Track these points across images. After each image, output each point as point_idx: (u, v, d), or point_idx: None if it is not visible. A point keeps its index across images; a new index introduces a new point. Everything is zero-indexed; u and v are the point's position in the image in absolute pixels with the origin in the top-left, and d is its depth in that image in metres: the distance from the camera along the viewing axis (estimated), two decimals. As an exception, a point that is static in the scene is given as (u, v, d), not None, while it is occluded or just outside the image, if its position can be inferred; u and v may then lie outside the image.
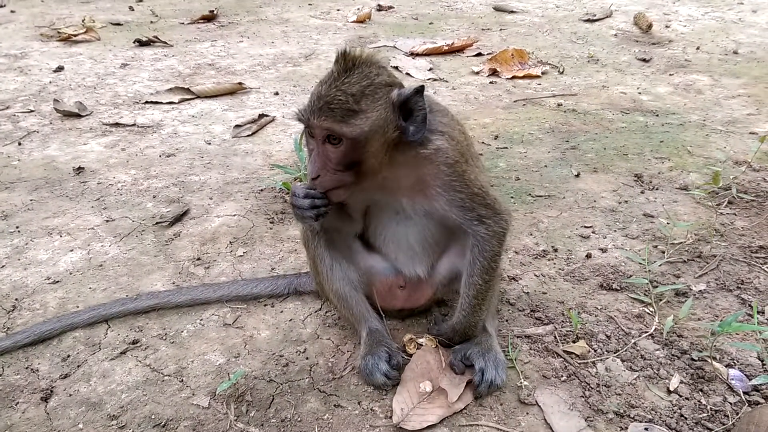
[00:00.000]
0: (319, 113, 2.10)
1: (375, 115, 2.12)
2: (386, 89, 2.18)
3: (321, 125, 2.11)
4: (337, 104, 2.09)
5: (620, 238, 3.40)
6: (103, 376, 2.53)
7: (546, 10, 9.38)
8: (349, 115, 2.10)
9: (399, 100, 2.17)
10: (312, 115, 2.12)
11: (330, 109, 2.09)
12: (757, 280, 3.01)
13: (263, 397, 2.40)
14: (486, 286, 2.43)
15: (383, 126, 2.15)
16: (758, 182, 3.93)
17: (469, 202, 2.34)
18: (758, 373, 2.43)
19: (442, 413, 2.29)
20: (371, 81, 2.14)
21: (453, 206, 2.34)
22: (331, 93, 2.10)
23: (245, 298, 2.97)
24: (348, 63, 2.13)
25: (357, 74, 2.13)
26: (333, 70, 2.15)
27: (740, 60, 6.70)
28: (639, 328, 2.71)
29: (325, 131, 2.13)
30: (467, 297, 2.45)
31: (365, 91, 2.12)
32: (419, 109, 2.19)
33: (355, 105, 2.10)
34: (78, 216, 3.73)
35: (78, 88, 6.07)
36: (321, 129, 2.13)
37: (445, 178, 2.30)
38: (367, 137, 2.13)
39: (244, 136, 4.91)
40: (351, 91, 2.10)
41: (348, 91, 2.10)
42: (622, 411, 2.28)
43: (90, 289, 3.08)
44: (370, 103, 2.12)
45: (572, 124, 5.04)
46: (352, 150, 2.14)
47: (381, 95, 2.15)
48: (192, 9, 9.63)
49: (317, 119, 2.11)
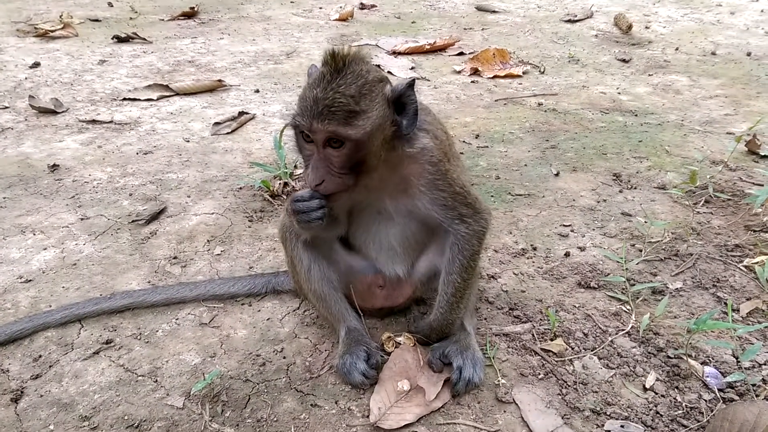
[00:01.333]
0: (322, 117, 2.03)
1: (375, 114, 2.10)
2: (380, 85, 2.16)
3: (325, 129, 2.05)
4: (338, 107, 2.03)
5: (598, 237, 3.41)
6: (76, 377, 2.48)
7: (528, 10, 9.42)
8: (352, 117, 2.05)
9: (394, 95, 2.17)
10: (314, 119, 2.04)
11: (332, 112, 2.03)
12: (732, 279, 3.04)
13: (239, 397, 2.37)
14: (464, 284, 2.43)
15: (382, 123, 2.13)
16: (734, 181, 3.98)
17: (451, 201, 2.34)
18: (733, 370, 2.46)
19: (420, 412, 2.28)
20: (366, 79, 2.11)
21: (435, 205, 2.33)
22: (329, 96, 2.03)
23: (222, 297, 2.94)
24: (339, 63, 2.08)
25: (350, 74, 2.08)
26: (324, 71, 2.08)
27: (718, 61, 6.78)
28: (616, 326, 2.72)
29: (328, 135, 2.07)
30: (445, 295, 2.45)
31: (362, 90, 2.08)
32: (411, 103, 2.19)
33: (356, 106, 2.06)
34: (52, 214, 3.66)
35: (54, 85, 5.97)
36: (324, 133, 2.06)
37: (429, 177, 2.30)
38: (369, 137, 2.10)
39: (223, 133, 4.86)
40: (349, 92, 2.05)
41: (346, 92, 2.05)
42: (598, 408, 2.29)
43: (63, 288, 3.02)
44: (369, 102, 2.09)
45: (552, 123, 5.06)
46: (356, 151, 2.11)
47: (377, 92, 2.13)
48: (172, 5, 9.52)
49: (320, 123, 2.04)
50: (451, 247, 2.42)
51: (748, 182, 3.95)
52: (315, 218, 2.21)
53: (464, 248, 2.40)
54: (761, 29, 7.98)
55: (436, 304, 2.51)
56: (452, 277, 2.42)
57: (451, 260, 2.43)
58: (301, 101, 2.10)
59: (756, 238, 3.33)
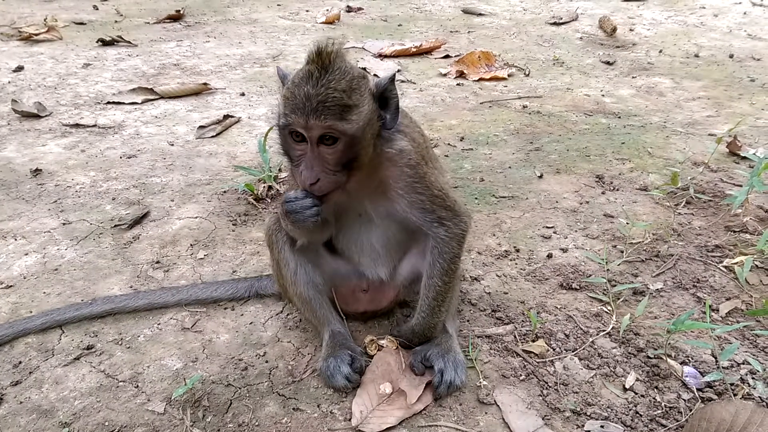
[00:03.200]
0: (317, 113, 2.01)
1: (365, 108, 2.11)
2: (364, 81, 2.17)
3: (322, 125, 2.03)
4: (332, 101, 2.03)
5: (581, 238, 3.44)
6: (56, 383, 2.46)
7: (513, 13, 9.47)
8: (346, 111, 2.05)
9: (378, 90, 2.18)
10: (309, 116, 2.02)
11: (327, 107, 2.02)
12: (712, 279, 3.08)
13: (221, 402, 2.36)
14: (445, 287, 2.44)
15: (371, 117, 2.14)
16: (715, 183, 4.02)
17: (429, 204, 2.34)
18: (712, 369, 2.48)
19: (402, 415, 2.28)
20: (352, 74, 2.11)
21: (413, 208, 2.34)
22: (322, 92, 2.02)
23: (205, 302, 2.93)
24: (325, 60, 2.05)
25: (337, 70, 2.07)
26: (310, 69, 2.05)
27: (701, 63, 6.85)
28: (597, 327, 2.74)
29: (324, 131, 2.06)
30: (427, 299, 2.46)
31: (351, 85, 2.08)
32: (393, 97, 2.21)
33: (349, 100, 2.06)
34: (34, 219, 3.64)
35: (38, 89, 5.93)
36: (320, 129, 2.05)
37: (407, 180, 2.30)
38: (362, 131, 2.11)
39: (208, 137, 4.85)
40: (341, 87, 2.05)
41: (338, 87, 2.04)
42: (578, 409, 2.30)
43: (44, 293, 3.00)
44: (359, 97, 2.10)
45: (537, 125, 5.09)
46: (350, 147, 2.11)
47: (364, 87, 2.14)
48: (158, 8, 9.49)
49: (317, 120, 2.02)
50: (432, 250, 2.42)
51: (729, 183, 4.00)
52: (310, 216, 2.18)
53: (444, 251, 2.40)
54: (744, 31, 8.08)
55: (418, 308, 2.52)
56: (433, 281, 2.43)
57: (431, 264, 2.43)
58: (291, 100, 2.06)
59: (736, 239, 3.37)
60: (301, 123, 2.05)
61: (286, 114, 2.07)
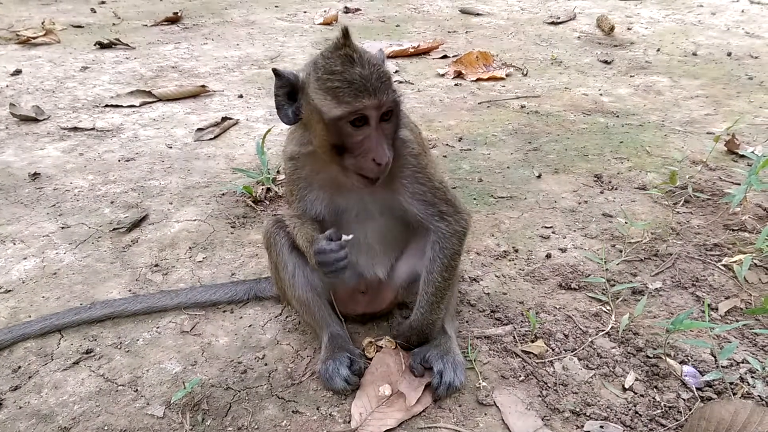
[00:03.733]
0: (383, 90, 2.03)
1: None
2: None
3: (390, 100, 2.06)
4: (384, 76, 2.06)
5: (579, 238, 3.44)
6: (55, 387, 2.46)
7: (511, 12, 9.47)
8: (393, 84, 2.12)
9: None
10: (379, 94, 2.01)
11: (384, 82, 2.04)
12: (711, 278, 3.08)
13: (220, 405, 2.36)
14: (445, 284, 2.43)
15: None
16: (714, 181, 4.02)
17: (430, 197, 2.36)
18: (711, 369, 2.48)
19: (401, 417, 2.28)
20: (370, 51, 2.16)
21: (416, 199, 2.36)
22: (373, 70, 2.03)
23: (204, 305, 2.93)
24: (353, 42, 2.06)
25: (361, 49, 2.09)
26: (346, 53, 2.03)
27: (699, 61, 6.85)
28: (596, 327, 2.74)
29: (390, 106, 2.08)
30: (426, 294, 2.45)
31: (380, 59, 2.15)
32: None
33: (388, 72, 2.11)
34: (32, 223, 3.64)
35: (36, 92, 5.93)
36: (388, 105, 2.07)
37: (411, 169, 2.33)
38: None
39: (206, 139, 4.85)
40: (379, 61, 2.10)
41: (378, 62, 2.09)
42: (578, 409, 2.30)
43: (43, 298, 3.00)
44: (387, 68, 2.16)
45: (535, 125, 5.09)
46: (398, 118, 2.19)
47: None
48: (156, 11, 9.49)
49: (385, 96, 2.03)
50: (432, 246, 2.43)
51: (728, 182, 4.00)
52: (342, 267, 2.19)
53: (445, 247, 2.40)
54: (742, 29, 8.08)
55: (416, 305, 2.50)
56: (433, 276, 2.43)
57: (432, 259, 2.43)
58: (346, 86, 2.01)
59: (734, 237, 3.36)
60: (373, 103, 2.02)
61: (348, 101, 2.01)
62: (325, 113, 2.06)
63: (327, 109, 2.05)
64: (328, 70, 2.04)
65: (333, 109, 2.04)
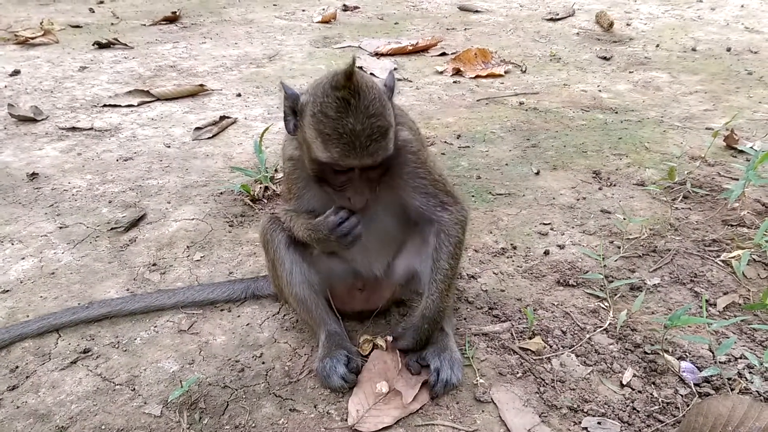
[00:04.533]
0: (369, 152, 2.01)
1: (392, 120, 2.13)
2: (382, 88, 2.16)
3: (376, 161, 2.05)
4: (377, 133, 2.01)
5: (578, 235, 3.43)
6: (53, 387, 2.46)
7: (510, 9, 9.45)
8: (388, 135, 2.07)
9: (390, 93, 2.21)
10: (362, 156, 2.01)
11: (375, 141, 2.01)
12: (710, 273, 3.07)
13: (217, 404, 2.36)
14: (452, 272, 2.44)
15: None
16: (712, 177, 4.01)
17: (432, 189, 2.39)
18: (709, 364, 2.47)
19: (398, 414, 2.28)
20: (376, 89, 2.08)
21: (417, 193, 2.38)
22: (366, 124, 1.98)
23: (202, 304, 2.92)
24: (354, 83, 1.98)
25: (366, 90, 2.01)
26: (343, 96, 1.97)
27: (698, 57, 6.84)
28: (594, 323, 2.73)
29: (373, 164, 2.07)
30: (435, 282, 2.42)
31: (383, 103, 2.06)
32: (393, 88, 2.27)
33: (386, 122, 2.06)
34: (30, 223, 3.64)
35: (34, 92, 5.93)
36: (375, 163, 2.07)
37: (411, 166, 2.35)
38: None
39: (204, 138, 4.85)
40: (379, 111, 2.01)
41: (377, 113, 2.01)
42: (575, 406, 2.30)
43: (41, 297, 3.00)
44: (389, 112, 2.11)
45: (533, 122, 5.08)
46: (389, 161, 2.16)
47: (386, 98, 2.13)
48: (154, 10, 9.49)
49: (370, 158, 2.03)
50: (437, 234, 2.43)
51: (726, 177, 3.99)
52: (359, 232, 2.22)
53: (450, 235, 2.42)
54: (741, 24, 8.06)
55: (426, 294, 2.46)
56: (441, 264, 2.42)
57: (438, 248, 2.43)
58: (334, 138, 1.99)
59: (733, 233, 3.36)
60: (354, 163, 2.04)
61: (330, 154, 2.02)
62: (312, 151, 2.09)
63: (314, 148, 2.07)
64: (323, 112, 2.01)
65: (319, 153, 2.06)
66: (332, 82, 2.01)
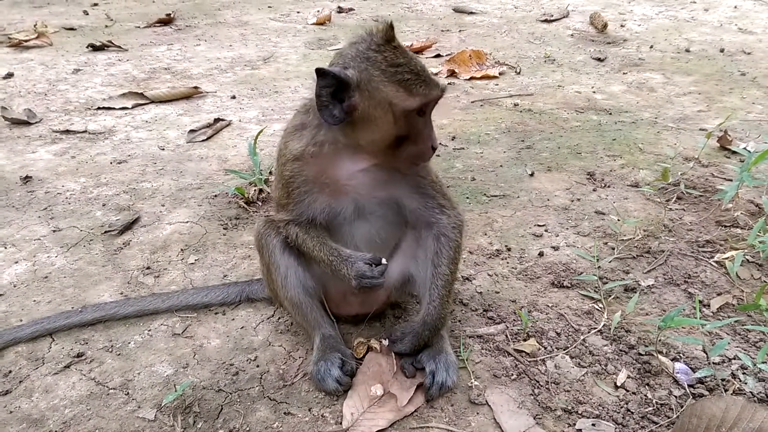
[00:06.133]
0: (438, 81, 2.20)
1: None
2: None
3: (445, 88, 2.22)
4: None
5: (572, 236, 3.44)
6: (46, 392, 2.45)
7: (504, 11, 9.47)
8: None
9: None
10: (440, 85, 2.18)
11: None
12: (704, 274, 3.08)
13: (211, 408, 2.36)
14: (452, 276, 2.46)
15: None
16: (706, 178, 4.02)
17: (430, 189, 2.42)
18: (703, 365, 2.48)
19: (393, 417, 2.28)
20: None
21: (417, 192, 2.40)
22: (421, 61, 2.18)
23: (196, 307, 2.92)
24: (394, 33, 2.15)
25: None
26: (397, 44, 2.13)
27: (692, 58, 6.86)
28: (588, 325, 2.74)
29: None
30: (436, 288, 2.43)
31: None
32: None
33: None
34: (24, 227, 3.62)
35: (28, 95, 5.91)
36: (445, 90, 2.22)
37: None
38: None
39: (199, 141, 4.84)
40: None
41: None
42: (570, 407, 2.30)
43: (34, 301, 2.99)
44: None
45: (528, 123, 5.09)
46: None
47: None
48: (148, 12, 9.47)
49: (442, 85, 2.20)
50: (437, 239, 2.45)
51: (720, 178, 4.00)
52: (380, 285, 2.27)
53: (449, 239, 2.44)
54: (734, 25, 8.09)
55: (427, 300, 2.46)
56: (441, 270, 2.43)
57: (438, 253, 2.44)
58: (415, 78, 2.11)
59: (727, 234, 3.37)
60: (436, 94, 2.17)
61: (423, 93, 2.12)
62: (397, 105, 2.10)
63: (400, 100, 2.10)
64: (392, 63, 2.09)
65: (407, 101, 2.10)
66: (379, 40, 2.11)
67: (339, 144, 2.24)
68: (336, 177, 2.31)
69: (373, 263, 2.25)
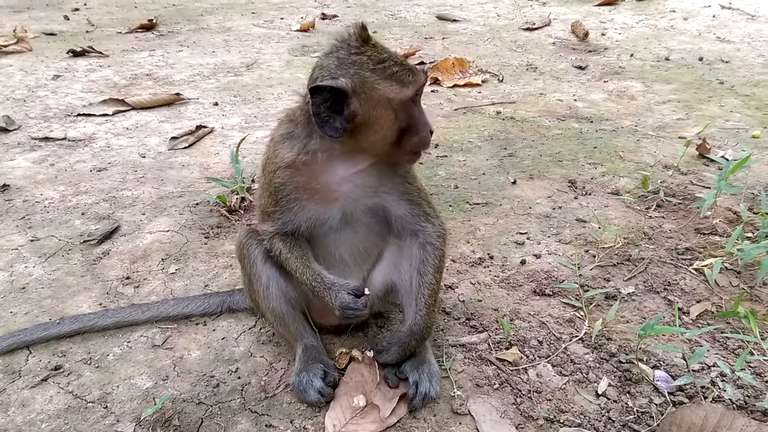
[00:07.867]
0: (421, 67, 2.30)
1: None
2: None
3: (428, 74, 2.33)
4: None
5: (554, 244, 3.46)
6: (23, 406, 2.41)
7: (487, 19, 9.54)
8: None
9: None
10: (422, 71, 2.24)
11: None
12: (683, 282, 3.11)
13: (191, 421, 2.33)
14: (437, 285, 2.47)
15: None
16: (685, 185, 4.07)
17: (416, 197, 2.43)
18: (683, 373, 2.50)
19: (375, 428, 2.27)
20: None
21: (403, 199, 2.41)
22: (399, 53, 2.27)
23: (176, 318, 2.89)
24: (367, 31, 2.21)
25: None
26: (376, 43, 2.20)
27: (671, 66, 6.95)
28: (570, 333, 2.75)
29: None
30: (423, 297, 2.43)
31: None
32: None
33: None
34: (0, 236, 3.56)
35: (6, 102, 5.83)
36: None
37: (400, 170, 2.40)
38: None
39: (180, 148, 4.80)
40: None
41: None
42: (551, 416, 2.31)
43: (11, 313, 2.94)
44: None
45: (510, 131, 5.12)
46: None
47: None
48: (130, 18, 9.40)
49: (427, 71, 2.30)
50: (422, 247, 2.45)
51: (699, 186, 4.05)
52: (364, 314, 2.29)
53: (435, 248, 2.45)
54: (713, 34, 8.21)
55: (414, 310, 2.45)
56: (428, 279, 2.44)
57: (424, 261, 2.45)
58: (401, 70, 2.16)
59: (705, 241, 3.41)
60: (423, 79, 2.23)
61: (413, 80, 2.17)
62: (394, 99, 2.14)
63: (396, 94, 2.14)
64: (378, 61, 2.14)
65: (402, 92, 2.15)
66: (357, 42, 2.16)
67: (334, 151, 2.23)
68: (327, 183, 2.30)
69: (356, 294, 2.24)
